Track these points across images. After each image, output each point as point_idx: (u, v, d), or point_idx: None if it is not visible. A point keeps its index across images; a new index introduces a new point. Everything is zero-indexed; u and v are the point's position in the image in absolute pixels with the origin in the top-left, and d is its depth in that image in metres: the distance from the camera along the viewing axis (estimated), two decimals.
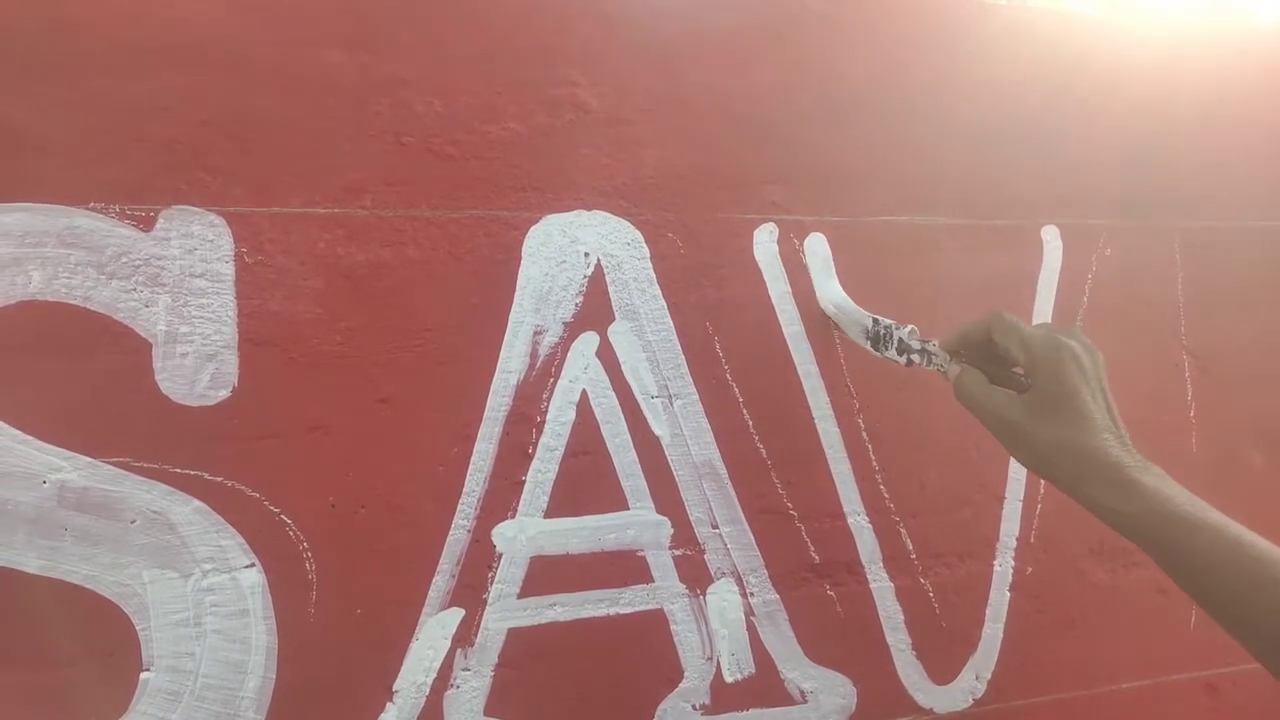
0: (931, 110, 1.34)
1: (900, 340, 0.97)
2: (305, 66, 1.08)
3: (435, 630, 1.11)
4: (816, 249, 0.99)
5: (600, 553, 1.18)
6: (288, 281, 1.07)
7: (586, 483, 1.17)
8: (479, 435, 1.13)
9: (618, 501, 1.19)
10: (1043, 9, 1.41)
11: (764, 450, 1.24)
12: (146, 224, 1.03)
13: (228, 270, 1.05)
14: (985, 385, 0.85)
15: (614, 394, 1.19)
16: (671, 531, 1.20)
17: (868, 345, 1.00)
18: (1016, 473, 1.37)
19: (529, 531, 1.15)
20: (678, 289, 1.21)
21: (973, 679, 1.34)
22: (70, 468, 1.00)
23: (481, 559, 1.14)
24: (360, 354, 1.09)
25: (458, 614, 1.12)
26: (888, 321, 0.98)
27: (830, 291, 0.97)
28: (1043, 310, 1.39)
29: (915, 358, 0.96)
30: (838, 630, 1.27)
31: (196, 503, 1.04)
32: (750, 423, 1.24)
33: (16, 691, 0.99)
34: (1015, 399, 0.83)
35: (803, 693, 1.26)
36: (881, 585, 1.29)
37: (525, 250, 1.16)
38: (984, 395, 0.84)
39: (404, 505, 1.11)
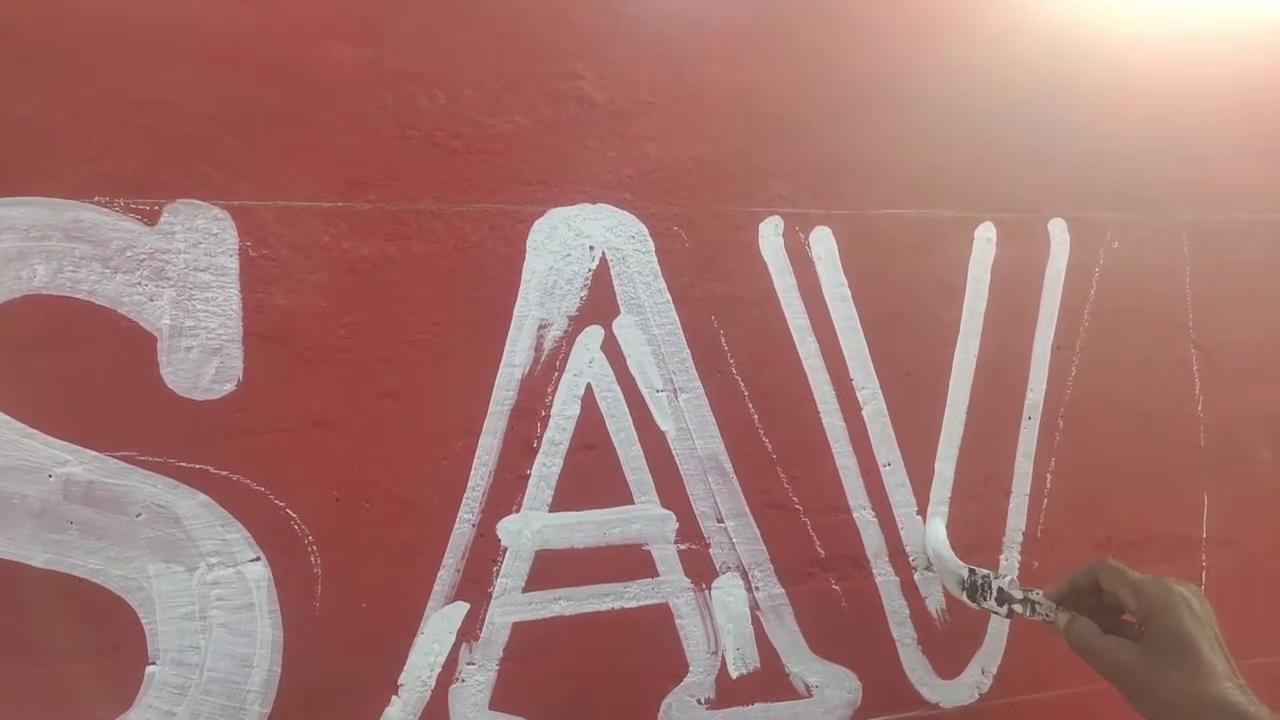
0: (938, 102, 1.34)
1: (1000, 590, 0.96)
2: (309, 60, 1.08)
3: (440, 624, 1.11)
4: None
5: (605, 547, 1.18)
6: (292, 275, 1.07)
7: (591, 477, 1.17)
8: (483, 429, 1.13)
9: (623, 496, 1.18)
10: (1049, 1, 1.40)
11: (769, 444, 1.24)
12: (151, 218, 1.03)
13: (232, 264, 1.05)
14: (1099, 634, 0.87)
15: (619, 388, 1.18)
16: (676, 526, 1.20)
17: (963, 596, 0.99)
18: (1024, 466, 1.36)
19: (534, 525, 1.15)
20: (683, 282, 1.21)
21: (979, 673, 1.33)
22: (76, 461, 1.00)
23: (486, 553, 1.14)
24: (365, 348, 1.09)
25: (462, 608, 1.12)
26: (984, 571, 0.97)
27: (934, 532, 0.98)
28: (1049, 304, 1.38)
29: (1017, 607, 0.95)
30: (843, 624, 1.27)
31: (202, 496, 1.04)
32: (755, 417, 1.24)
33: (22, 686, 0.99)
34: (1132, 647, 0.84)
35: (808, 687, 1.25)
36: (887, 579, 1.29)
37: (530, 244, 1.15)
38: (1099, 643, 0.85)
39: (409, 499, 1.11)
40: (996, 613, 0.97)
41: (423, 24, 1.13)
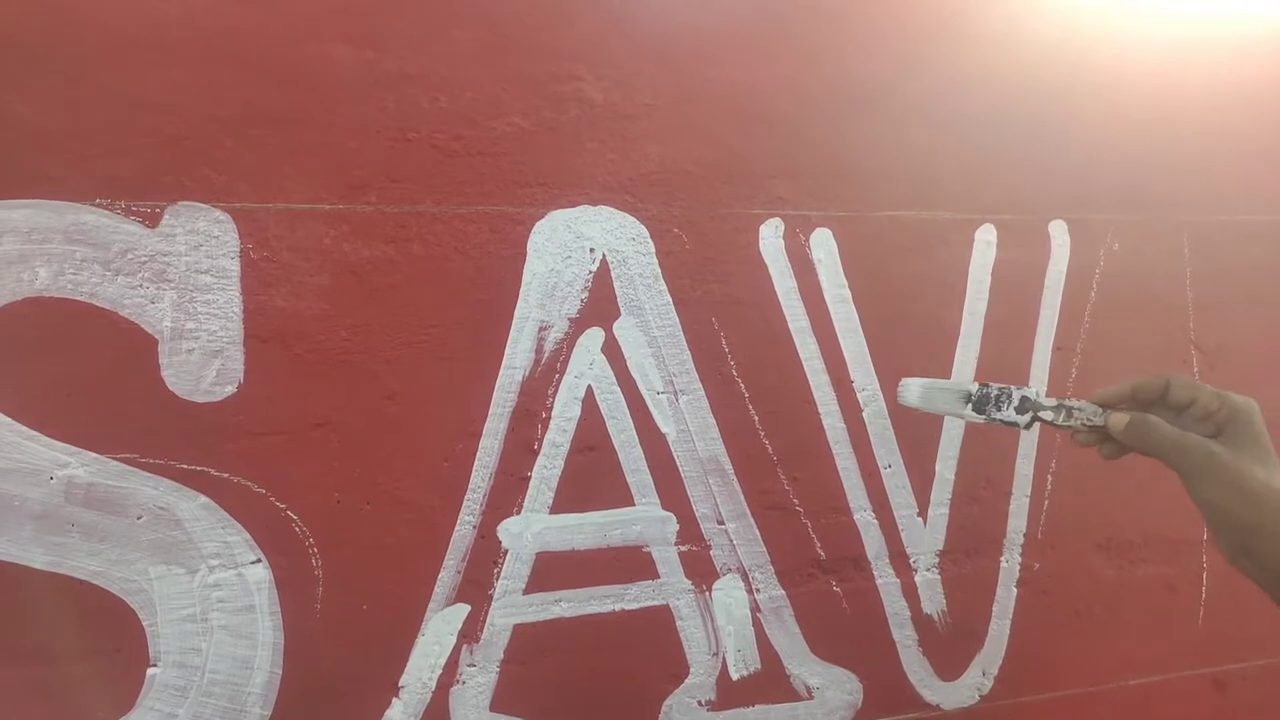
0: (938, 105, 1.34)
1: (1024, 399, 0.92)
2: (310, 63, 1.08)
3: (441, 626, 1.11)
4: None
5: (606, 548, 1.18)
6: (293, 278, 1.07)
7: (592, 479, 1.17)
8: (484, 431, 1.13)
9: (623, 497, 1.18)
10: (1049, 3, 1.40)
11: (770, 446, 1.24)
12: (152, 220, 1.03)
13: (233, 266, 1.05)
14: (1175, 428, 0.84)
15: (619, 390, 1.18)
16: (677, 527, 1.20)
17: (967, 411, 0.94)
18: (1024, 468, 1.36)
19: (535, 527, 1.15)
20: (683, 284, 1.21)
21: (979, 675, 1.33)
22: (77, 463, 1.00)
23: (487, 555, 1.14)
24: (366, 350, 1.09)
25: (463, 610, 1.12)
26: (1000, 385, 0.93)
27: (911, 385, 0.94)
28: (1050, 306, 1.38)
29: (1046, 415, 0.90)
30: (844, 626, 1.27)
31: (203, 498, 1.04)
32: (756, 418, 1.24)
33: (23, 687, 0.99)
34: (1212, 440, 0.82)
35: (809, 689, 1.25)
36: (888, 581, 1.29)
37: (530, 246, 1.15)
38: (1180, 435, 0.83)
39: (409, 501, 1.11)
40: (1013, 423, 0.91)
41: (423, 26, 1.13)
